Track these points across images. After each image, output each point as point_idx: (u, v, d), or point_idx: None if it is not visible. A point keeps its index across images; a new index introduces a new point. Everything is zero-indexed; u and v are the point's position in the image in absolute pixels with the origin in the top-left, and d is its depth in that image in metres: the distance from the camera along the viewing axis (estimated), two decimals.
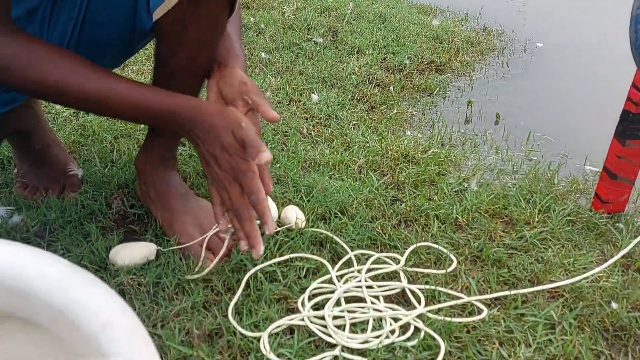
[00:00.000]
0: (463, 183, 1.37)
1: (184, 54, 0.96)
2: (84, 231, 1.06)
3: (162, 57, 0.97)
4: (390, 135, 1.59)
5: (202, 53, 0.96)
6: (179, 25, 0.91)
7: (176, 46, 0.94)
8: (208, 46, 0.98)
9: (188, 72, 0.98)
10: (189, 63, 0.97)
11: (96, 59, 1.01)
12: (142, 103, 0.84)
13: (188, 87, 1.00)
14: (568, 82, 2.10)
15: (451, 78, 2.04)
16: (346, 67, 1.98)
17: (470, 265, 1.09)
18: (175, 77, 0.98)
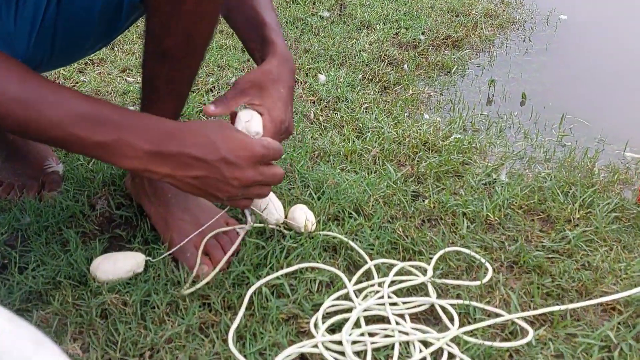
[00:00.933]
0: (491, 174, 1.22)
1: (180, 28, 0.80)
2: (63, 239, 0.92)
3: (154, 33, 0.82)
4: (407, 119, 1.44)
5: (202, 26, 0.81)
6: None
7: (170, 19, 0.78)
8: (208, 18, 0.82)
9: (185, 51, 0.83)
10: (185, 39, 0.82)
11: (78, 38, 0.86)
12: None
13: (185, 68, 0.85)
14: (597, 57, 1.93)
15: (470, 54, 1.88)
16: (355, 43, 1.82)
17: (507, 273, 0.95)
18: (169, 57, 0.83)
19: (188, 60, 0.85)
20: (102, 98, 1.36)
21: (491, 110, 1.56)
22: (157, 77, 0.85)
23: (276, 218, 0.97)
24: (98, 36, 0.91)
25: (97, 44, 0.95)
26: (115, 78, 1.45)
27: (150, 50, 0.84)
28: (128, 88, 1.40)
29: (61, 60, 0.97)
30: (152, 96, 0.88)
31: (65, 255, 0.87)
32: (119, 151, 0.68)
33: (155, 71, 0.85)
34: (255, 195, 0.78)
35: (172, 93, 0.87)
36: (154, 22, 0.80)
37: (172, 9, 0.77)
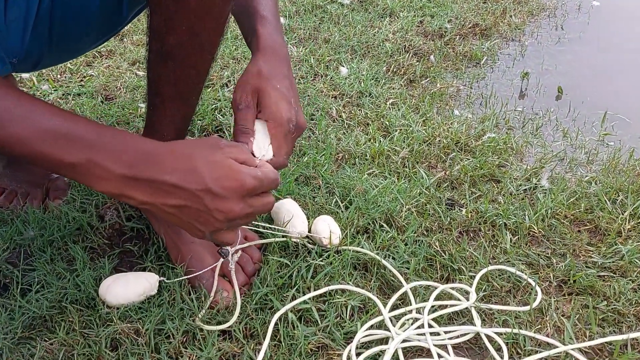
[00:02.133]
0: (531, 178, 1.12)
1: (184, 24, 0.71)
2: (69, 255, 0.84)
3: (157, 31, 0.73)
4: (436, 116, 1.34)
5: (208, 22, 0.72)
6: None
7: (174, 15, 0.70)
8: (215, 14, 0.73)
9: (190, 50, 0.74)
10: (191, 37, 0.73)
11: (78, 32, 0.78)
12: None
13: (190, 68, 0.76)
14: (635, 46, 1.81)
15: (499, 44, 1.77)
16: (378, 32, 1.71)
17: (556, 294, 0.86)
18: (173, 56, 0.75)
19: (193, 60, 0.76)
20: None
21: (525, 105, 1.46)
22: (161, 79, 0.76)
23: (299, 231, 0.89)
24: (99, 30, 0.82)
25: (100, 38, 0.86)
26: (124, 72, 1.37)
27: (153, 49, 0.75)
28: (139, 83, 1.31)
29: (63, 55, 0.88)
30: (155, 100, 0.79)
31: (72, 275, 0.79)
32: (91, 173, 0.59)
33: (159, 72, 0.76)
34: (241, 225, 0.68)
35: (177, 97, 0.78)
36: (156, 19, 0.72)
37: (175, 3, 0.68)
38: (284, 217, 0.90)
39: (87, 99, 1.24)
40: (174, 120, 0.82)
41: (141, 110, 1.21)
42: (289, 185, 1.00)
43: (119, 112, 1.20)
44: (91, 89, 1.27)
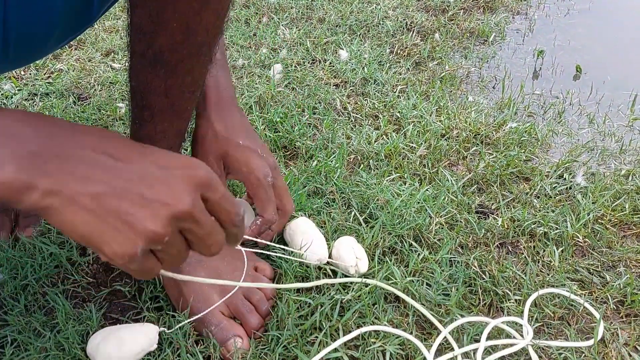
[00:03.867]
0: (564, 175, 1.01)
1: (177, 21, 0.57)
2: (47, 304, 0.70)
3: (142, 30, 0.58)
4: (450, 104, 1.21)
5: (206, 17, 0.57)
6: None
7: (163, 8, 0.55)
8: (214, 4, 0.58)
9: (186, 53, 0.59)
10: (185, 37, 0.58)
11: (38, 35, 0.62)
12: None
13: (186, 74, 0.62)
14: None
15: (506, 19, 1.63)
16: (376, 9, 1.57)
17: (613, 318, 0.76)
18: (165, 62, 0.60)
19: (189, 65, 0.61)
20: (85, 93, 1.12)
21: (543, 87, 1.33)
22: (149, 89, 0.61)
23: (319, 257, 0.76)
24: (64, 30, 0.66)
25: (64, 39, 0.70)
26: (98, 64, 1.20)
27: (137, 51, 0.60)
28: (115, 77, 1.15)
29: (21, 62, 0.72)
30: (143, 114, 0.64)
31: (53, 331, 0.66)
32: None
33: (146, 80, 0.61)
34: (175, 253, 0.44)
35: (169, 110, 0.63)
36: (140, 14, 0.56)
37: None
38: (300, 240, 0.77)
39: (57, 99, 1.08)
40: (165, 137, 0.67)
41: (121, 112, 1.05)
42: (300, 199, 0.87)
43: (95, 114, 1.05)
44: (61, 86, 1.10)
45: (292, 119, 1.09)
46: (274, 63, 1.28)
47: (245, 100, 1.13)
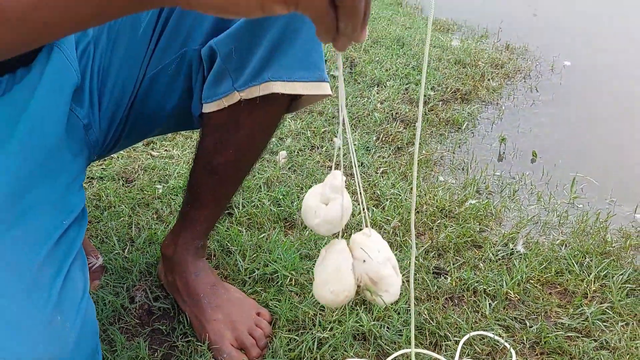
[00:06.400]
0: (508, 244, 1.27)
1: (233, 150, 0.88)
2: (108, 337, 0.97)
3: (207, 152, 0.89)
4: (422, 183, 1.49)
5: (251, 152, 0.90)
6: (233, 124, 0.83)
7: (225, 142, 0.86)
8: (259, 146, 0.92)
9: (232, 170, 0.90)
10: (235, 161, 0.90)
11: (144, 132, 0.95)
12: None
13: (231, 184, 0.94)
14: (604, 108, 1.98)
15: (479, 109, 1.93)
16: (367, 102, 1.88)
17: (529, 355, 1.00)
18: (218, 173, 0.90)
19: (237, 177, 0.92)
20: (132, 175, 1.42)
21: (503, 169, 1.61)
22: (202, 188, 0.91)
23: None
24: (164, 130, 1.00)
25: (162, 133, 1.03)
26: (141, 153, 1.51)
27: (200, 163, 0.90)
28: (154, 164, 1.46)
29: (123, 147, 1.03)
30: (194, 203, 0.94)
31: (113, 356, 0.92)
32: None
33: (201, 183, 0.91)
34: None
35: (214, 203, 0.93)
36: (208, 141, 0.87)
37: (228, 134, 0.84)
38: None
39: (109, 182, 1.38)
40: (207, 219, 0.97)
41: (159, 192, 1.35)
42: (294, 260, 1.13)
43: (139, 194, 1.34)
44: (112, 172, 1.41)
45: (292, 196, 1.37)
46: (280, 150, 1.58)
47: (255, 181, 1.41)
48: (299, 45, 0.76)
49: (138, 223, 1.24)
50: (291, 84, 0.78)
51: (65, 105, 0.81)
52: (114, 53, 0.86)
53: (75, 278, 0.70)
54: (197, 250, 1.01)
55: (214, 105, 0.82)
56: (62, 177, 0.78)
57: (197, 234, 0.99)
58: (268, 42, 0.75)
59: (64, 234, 0.72)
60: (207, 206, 0.94)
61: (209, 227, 1.00)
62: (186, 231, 0.98)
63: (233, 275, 1.12)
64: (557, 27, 2.74)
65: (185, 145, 1.58)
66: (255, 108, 0.81)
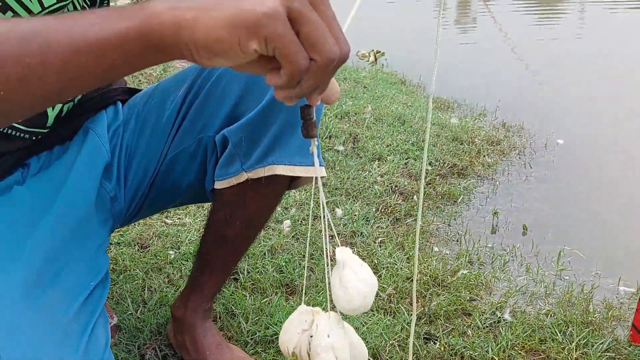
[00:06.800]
0: (496, 312, 1.34)
1: (240, 222, 1.00)
2: None
3: (217, 223, 1.01)
4: (418, 252, 1.58)
5: (257, 223, 1.02)
6: (241, 199, 0.95)
7: (233, 215, 0.98)
8: (264, 218, 1.03)
9: (239, 240, 1.02)
10: (242, 231, 1.02)
11: (162, 204, 1.07)
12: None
13: (237, 253, 1.06)
14: (593, 185, 2.09)
15: (474, 184, 2.05)
16: (368, 175, 2.00)
17: None
18: (226, 242, 1.02)
19: (243, 246, 1.03)
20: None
21: (495, 241, 1.70)
22: (211, 256, 1.03)
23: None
24: (180, 202, 1.12)
25: (179, 205, 1.15)
26: (155, 221, 1.63)
27: (210, 233, 1.02)
28: (167, 231, 1.57)
29: (142, 217, 1.15)
30: (204, 268, 1.04)
31: None
32: (150, 12, 0.47)
33: (211, 251, 1.02)
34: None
35: (221, 269, 1.05)
36: (218, 214, 0.99)
37: (237, 208, 0.96)
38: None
39: (125, 247, 1.49)
40: (214, 284, 1.08)
41: (171, 257, 1.45)
42: None
43: (153, 259, 1.45)
44: (129, 238, 1.52)
45: (294, 263, 1.47)
46: (285, 219, 1.70)
47: (260, 248, 1.52)
48: (297, 137, 0.88)
49: (150, 286, 1.35)
50: (291, 167, 0.90)
51: (97, 181, 0.94)
52: (141, 135, 1.00)
53: (98, 334, 0.80)
54: (205, 313, 1.10)
55: (224, 182, 0.95)
56: (90, 243, 0.90)
57: (205, 298, 1.09)
58: (271, 134, 0.88)
59: (91, 294, 0.83)
60: (215, 272, 1.04)
61: (216, 291, 1.10)
62: (195, 294, 1.08)
63: (236, 336, 1.20)
64: (553, 107, 2.89)
65: (197, 214, 1.70)
66: (260, 186, 0.93)
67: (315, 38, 0.45)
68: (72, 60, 0.47)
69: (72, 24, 0.48)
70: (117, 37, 0.47)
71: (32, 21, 0.49)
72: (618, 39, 4.33)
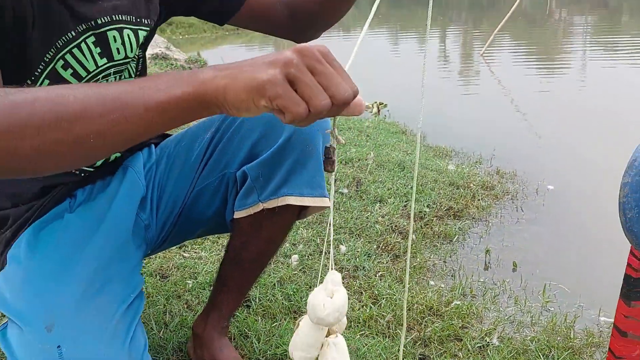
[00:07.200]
0: (485, 337, 1.47)
1: (255, 247, 1.15)
2: None
3: (235, 248, 1.16)
4: (415, 285, 1.72)
5: (270, 248, 1.17)
6: (256, 226, 1.10)
7: (249, 241, 1.13)
8: (276, 244, 1.19)
9: (255, 263, 1.17)
10: (257, 255, 1.17)
11: (188, 233, 1.23)
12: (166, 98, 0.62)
13: (252, 275, 1.20)
14: (579, 227, 2.24)
15: (469, 225, 2.20)
16: (370, 216, 2.16)
17: None
18: (243, 265, 1.17)
19: (257, 269, 1.18)
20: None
21: (487, 276, 1.84)
22: (229, 277, 1.18)
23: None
24: (202, 232, 1.28)
25: (201, 235, 1.31)
26: (175, 254, 1.79)
27: (229, 257, 1.17)
28: (186, 263, 1.73)
29: (169, 246, 1.30)
30: (222, 288, 1.19)
31: None
32: (204, 83, 0.61)
33: (229, 273, 1.17)
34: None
35: (238, 289, 1.20)
36: (236, 240, 1.15)
37: (252, 234, 1.12)
38: None
39: (148, 277, 1.64)
40: (231, 303, 1.22)
41: (189, 286, 1.60)
42: None
43: (172, 287, 1.60)
44: (151, 269, 1.68)
45: (301, 293, 1.61)
46: (293, 254, 1.84)
47: (270, 279, 1.66)
48: (306, 173, 1.05)
49: (171, 311, 1.49)
50: (301, 198, 1.06)
51: (134, 211, 1.11)
52: (171, 172, 1.17)
53: (138, 337, 0.95)
54: (222, 330, 1.24)
55: (243, 212, 1.11)
56: (129, 262, 1.06)
57: (222, 316, 1.23)
58: (284, 170, 1.04)
59: (131, 304, 0.98)
60: (232, 292, 1.19)
61: (232, 310, 1.24)
62: (214, 313, 1.23)
63: (249, 354, 1.34)
64: (545, 155, 3.07)
65: (212, 248, 1.85)
66: (274, 215, 1.09)
67: (307, 94, 0.58)
68: (144, 116, 0.61)
69: (144, 89, 0.62)
70: (178, 100, 0.61)
71: (114, 86, 0.64)
72: (616, 94, 4.55)
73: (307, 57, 0.59)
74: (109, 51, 0.99)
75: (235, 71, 0.61)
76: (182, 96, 0.61)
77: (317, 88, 0.59)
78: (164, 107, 0.61)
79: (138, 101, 0.61)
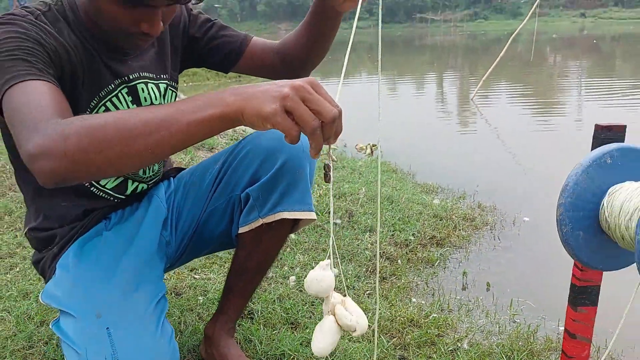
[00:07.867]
0: (457, 343, 1.70)
1: (256, 258, 1.39)
2: None
3: (240, 259, 1.41)
4: (399, 302, 1.95)
5: (269, 258, 1.41)
6: (257, 239, 1.35)
7: (251, 252, 1.38)
8: (273, 254, 1.43)
9: (256, 271, 1.41)
10: (257, 264, 1.41)
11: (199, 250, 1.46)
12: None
13: (255, 282, 1.44)
14: (547, 254, 2.48)
15: (450, 251, 2.44)
16: (360, 243, 2.40)
17: None
18: (246, 273, 1.41)
19: (259, 276, 1.43)
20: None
21: (463, 294, 2.07)
22: (235, 285, 1.42)
23: None
24: (212, 249, 1.52)
25: (210, 253, 1.55)
26: (187, 276, 2.03)
27: (234, 267, 1.41)
28: (197, 283, 1.96)
29: (184, 262, 1.54)
30: (229, 295, 1.43)
31: None
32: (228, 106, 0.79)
33: (234, 281, 1.42)
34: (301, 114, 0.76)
35: (242, 295, 1.44)
36: (240, 253, 1.39)
37: (253, 246, 1.36)
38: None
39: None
40: (237, 306, 1.46)
41: (200, 301, 1.84)
42: (296, 347, 1.58)
43: (186, 302, 1.83)
44: (166, 288, 1.91)
45: (298, 307, 1.84)
46: (291, 275, 2.08)
47: (270, 296, 1.90)
48: (297, 193, 1.31)
49: (185, 321, 1.72)
50: (293, 213, 1.31)
51: (158, 230, 1.36)
52: (187, 198, 1.43)
53: (167, 327, 1.19)
54: (229, 331, 1.48)
55: (246, 227, 1.36)
56: (156, 271, 1.30)
57: (229, 318, 1.47)
58: (279, 191, 1.30)
59: (159, 301, 1.22)
60: (237, 297, 1.43)
61: (238, 313, 1.48)
62: (222, 316, 1.46)
63: (252, 355, 1.56)
64: (524, 190, 3.33)
65: (219, 271, 2.09)
66: (272, 229, 1.34)
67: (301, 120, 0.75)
68: (184, 131, 0.80)
69: (183, 112, 0.80)
70: (209, 118, 0.79)
71: (161, 109, 0.81)
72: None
73: (300, 90, 0.76)
74: (138, 100, 1.26)
75: (249, 97, 0.78)
76: (212, 116, 0.79)
77: (307, 114, 0.75)
78: (197, 126, 0.80)
79: (179, 121, 0.80)
